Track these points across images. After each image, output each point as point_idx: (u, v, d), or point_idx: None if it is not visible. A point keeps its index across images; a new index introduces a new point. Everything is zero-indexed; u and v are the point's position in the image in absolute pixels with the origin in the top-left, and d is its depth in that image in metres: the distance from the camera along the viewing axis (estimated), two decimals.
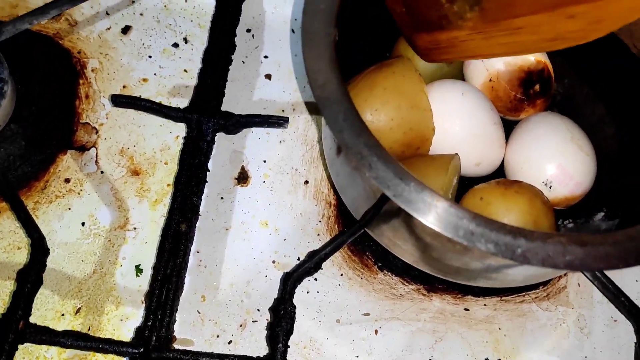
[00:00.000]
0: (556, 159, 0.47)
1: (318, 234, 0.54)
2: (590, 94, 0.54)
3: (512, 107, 0.51)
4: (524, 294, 0.53)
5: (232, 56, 0.58)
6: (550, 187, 0.47)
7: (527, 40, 0.42)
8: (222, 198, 0.54)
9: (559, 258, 0.35)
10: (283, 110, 0.58)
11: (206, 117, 0.51)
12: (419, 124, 0.47)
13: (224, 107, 0.56)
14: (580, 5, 0.38)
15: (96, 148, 0.55)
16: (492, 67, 0.50)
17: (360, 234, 0.48)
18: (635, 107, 0.51)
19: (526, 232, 0.36)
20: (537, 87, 0.50)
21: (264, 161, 0.56)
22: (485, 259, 0.40)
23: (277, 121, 0.51)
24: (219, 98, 0.54)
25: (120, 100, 0.50)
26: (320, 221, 0.54)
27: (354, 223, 0.48)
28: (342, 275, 0.52)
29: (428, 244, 0.42)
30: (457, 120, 0.48)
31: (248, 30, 0.62)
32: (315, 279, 0.52)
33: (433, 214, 0.36)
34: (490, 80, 0.50)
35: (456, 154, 0.48)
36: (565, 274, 0.53)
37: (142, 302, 0.49)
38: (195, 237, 0.52)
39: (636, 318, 0.47)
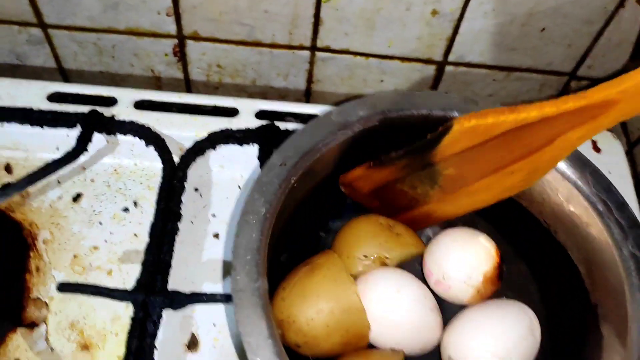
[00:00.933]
0: None
1: None
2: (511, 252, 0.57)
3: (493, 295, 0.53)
4: None
5: (180, 222, 0.60)
6: None
7: (484, 197, 0.50)
8: None
9: None
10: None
11: (152, 297, 0.51)
12: (354, 324, 0.48)
13: (173, 272, 0.57)
14: (514, 165, 0.46)
15: (46, 324, 0.55)
16: (474, 282, 0.51)
17: None
18: (553, 268, 0.54)
19: None
20: (503, 269, 0.52)
21: (214, 325, 0.56)
22: None
23: (222, 298, 0.51)
24: (166, 274, 0.54)
25: (68, 288, 0.51)
26: None
27: None
28: None
29: None
30: (396, 315, 0.49)
31: (196, 190, 0.63)
32: None
33: None
34: (478, 292, 0.52)
35: (400, 351, 0.49)
36: None
37: None
38: None
39: None
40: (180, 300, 0.51)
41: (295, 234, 0.55)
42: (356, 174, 0.51)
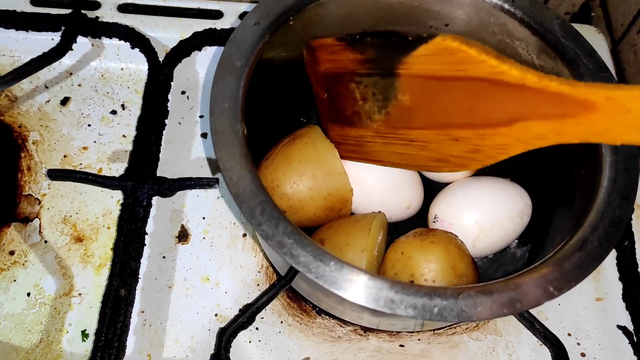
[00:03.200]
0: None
1: (258, 284, 0.53)
2: None
3: None
4: (455, 326, 0.53)
5: (167, 119, 0.58)
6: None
7: (418, 155, 0.46)
8: (164, 257, 0.54)
9: (472, 310, 0.36)
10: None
11: (140, 183, 0.51)
12: (337, 188, 0.47)
13: (162, 169, 0.56)
14: (463, 130, 0.42)
15: (39, 218, 0.54)
16: None
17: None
18: None
19: (440, 291, 0.36)
20: None
21: (203, 218, 0.56)
22: None
23: (208, 183, 0.51)
24: (154, 163, 0.54)
25: (57, 175, 0.50)
26: (259, 272, 0.54)
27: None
28: (282, 322, 0.52)
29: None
30: (380, 173, 0.49)
31: (183, 92, 0.62)
32: (257, 328, 0.52)
33: (354, 289, 0.36)
34: None
35: (380, 212, 0.48)
36: None
37: None
38: (139, 298, 0.51)
39: (551, 343, 0.48)
40: (168, 185, 0.50)
41: (276, 117, 0.54)
42: (326, 41, 0.48)
